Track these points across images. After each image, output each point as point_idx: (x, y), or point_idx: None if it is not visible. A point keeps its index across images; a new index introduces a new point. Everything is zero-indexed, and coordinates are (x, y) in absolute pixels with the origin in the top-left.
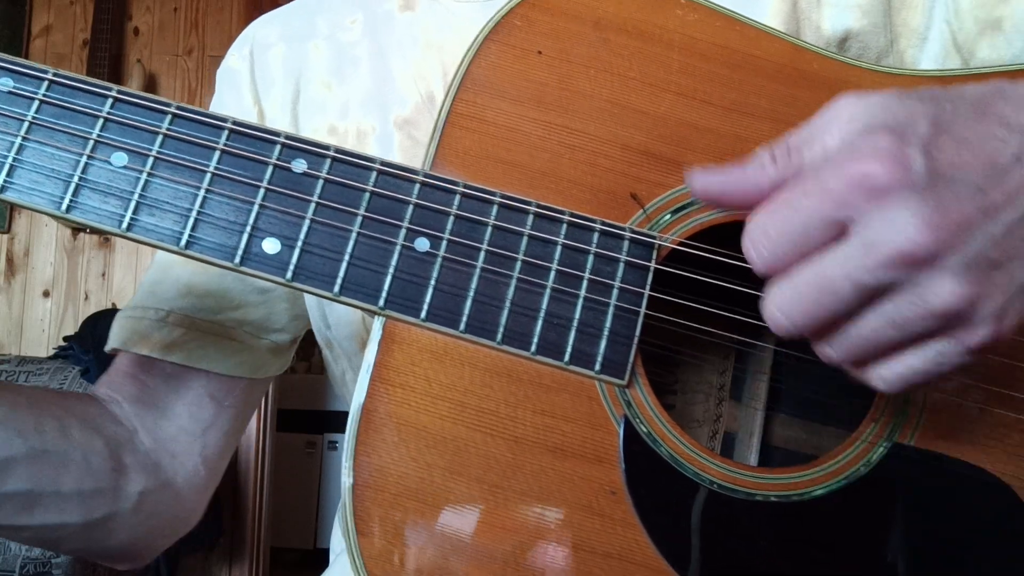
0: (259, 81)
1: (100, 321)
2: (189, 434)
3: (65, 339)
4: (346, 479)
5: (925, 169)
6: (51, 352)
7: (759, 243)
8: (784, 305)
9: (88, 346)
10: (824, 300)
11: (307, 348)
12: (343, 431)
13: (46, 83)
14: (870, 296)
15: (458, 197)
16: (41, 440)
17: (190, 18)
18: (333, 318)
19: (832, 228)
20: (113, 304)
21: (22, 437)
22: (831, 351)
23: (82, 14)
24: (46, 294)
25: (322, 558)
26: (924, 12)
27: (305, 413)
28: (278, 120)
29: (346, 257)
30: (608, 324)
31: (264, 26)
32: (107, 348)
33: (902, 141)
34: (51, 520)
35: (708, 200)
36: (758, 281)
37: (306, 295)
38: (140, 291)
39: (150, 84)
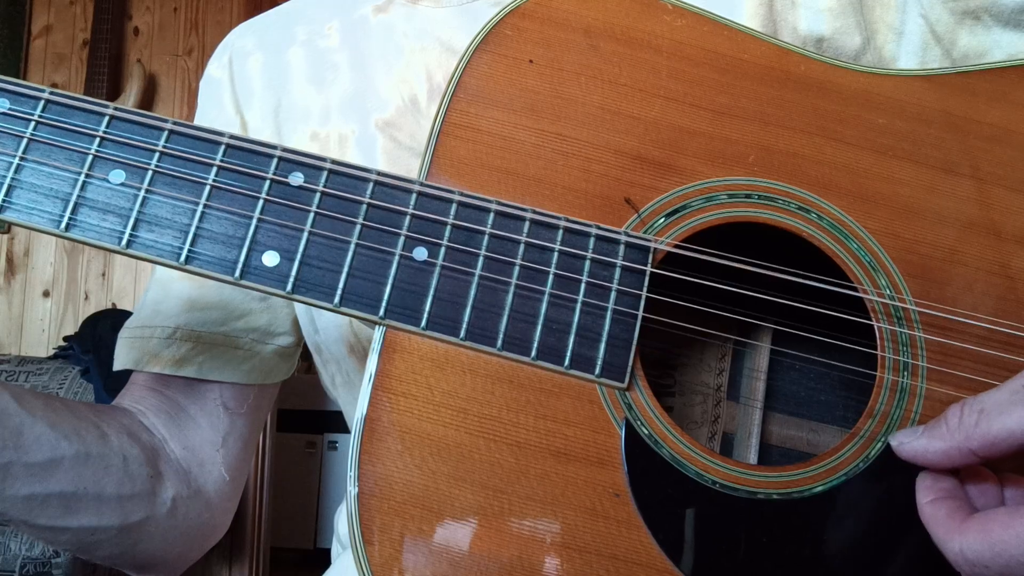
0: (240, 91)
1: (100, 321)
2: (212, 443)
3: (65, 339)
4: (351, 488)
5: None
6: (51, 352)
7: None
8: None
9: (88, 346)
10: None
11: (306, 349)
12: (343, 431)
13: (42, 103)
14: None
15: (455, 206)
16: (84, 445)
17: (190, 18)
18: (321, 322)
19: None
20: (113, 304)
21: (68, 440)
22: None
23: (82, 14)
24: (46, 294)
25: (322, 558)
26: (897, 8)
27: (305, 413)
28: (261, 129)
29: (345, 268)
30: (607, 328)
31: (242, 35)
32: (116, 367)
33: None
34: (90, 523)
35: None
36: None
37: None
38: (142, 310)
39: (150, 84)
